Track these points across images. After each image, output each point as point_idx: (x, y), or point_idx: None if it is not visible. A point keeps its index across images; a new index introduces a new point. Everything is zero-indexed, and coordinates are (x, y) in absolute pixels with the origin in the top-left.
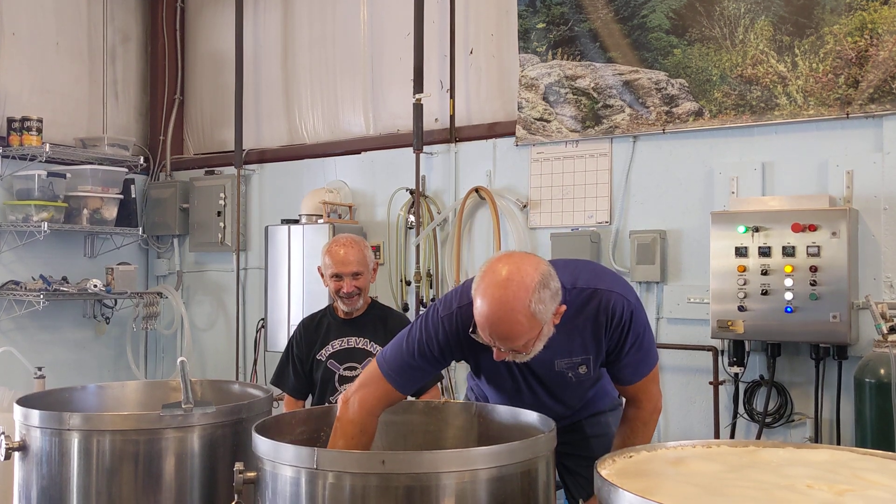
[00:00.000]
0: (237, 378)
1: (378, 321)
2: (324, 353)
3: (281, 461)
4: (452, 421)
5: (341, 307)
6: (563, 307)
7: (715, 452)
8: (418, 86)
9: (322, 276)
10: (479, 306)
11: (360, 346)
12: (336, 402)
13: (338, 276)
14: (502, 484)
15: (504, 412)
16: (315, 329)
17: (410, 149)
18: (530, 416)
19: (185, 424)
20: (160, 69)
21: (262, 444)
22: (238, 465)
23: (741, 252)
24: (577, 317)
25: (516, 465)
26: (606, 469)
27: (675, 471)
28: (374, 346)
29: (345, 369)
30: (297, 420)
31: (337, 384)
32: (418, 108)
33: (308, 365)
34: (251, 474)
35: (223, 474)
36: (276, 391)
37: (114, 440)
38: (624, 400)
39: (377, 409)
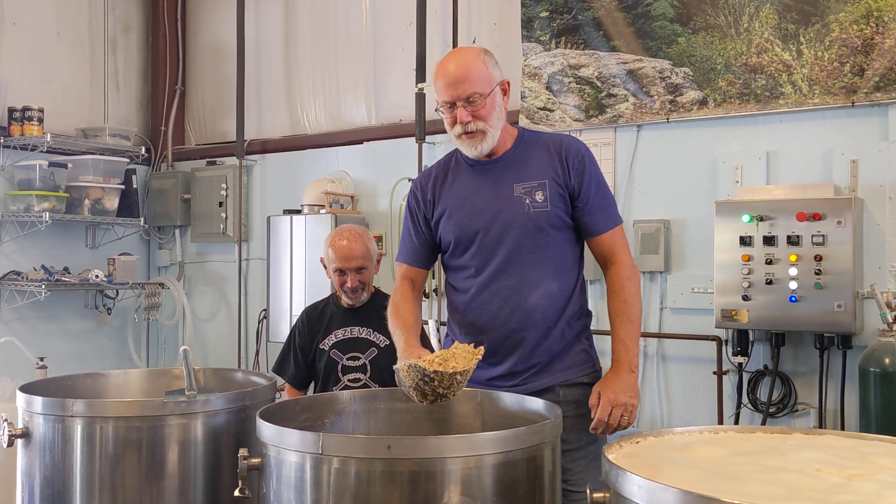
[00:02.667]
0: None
1: (381, 311)
2: (327, 343)
3: (285, 446)
4: (457, 408)
5: (344, 299)
6: (509, 81)
7: (722, 438)
8: (421, 75)
9: (325, 267)
10: (437, 66)
11: (363, 335)
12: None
13: (341, 271)
14: (508, 470)
15: (509, 399)
16: (318, 318)
17: (413, 138)
18: (535, 403)
19: (188, 411)
20: (161, 59)
21: (267, 430)
22: (242, 452)
23: (745, 241)
24: (534, 148)
25: (522, 450)
26: (614, 453)
27: (682, 455)
28: (378, 335)
29: (348, 359)
30: (302, 406)
31: (340, 374)
32: (420, 98)
33: (310, 354)
34: (255, 460)
35: (227, 461)
36: (280, 381)
37: (117, 427)
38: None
39: (402, 284)
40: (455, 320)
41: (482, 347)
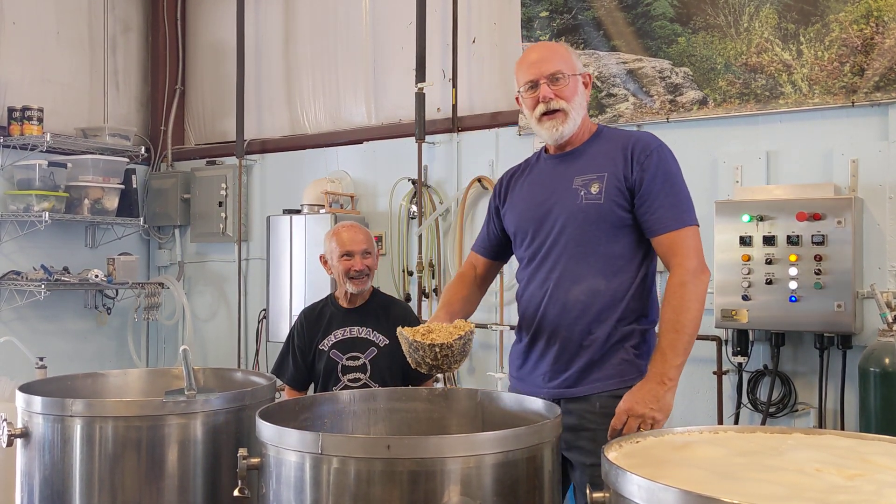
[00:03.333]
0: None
1: (381, 310)
2: (326, 343)
3: (285, 446)
4: (456, 408)
5: (350, 290)
6: (591, 74)
7: (722, 438)
8: (420, 75)
9: (325, 264)
10: (519, 59)
11: (362, 335)
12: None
13: (349, 255)
14: (508, 469)
15: (509, 399)
16: (317, 319)
17: (412, 138)
18: (535, 403)
19: (188, 411)
20: (161, 59)
21: (266, 430)
22: (242, 451)
23: (745, 241)
24: (606, 143)
25: (522, 450)
26: (614, 453)
27: (682, 455)
28: (377, 335)
29: (347, 359)
30: (301, 406)
31: (340, 374)
32: (420, 98)
33: (310, 355)
34: (255, 460)
35: (226, 461)
36: (280, 381)
37: (116, 427)
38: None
39: (464, 268)
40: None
41: (472, 325)
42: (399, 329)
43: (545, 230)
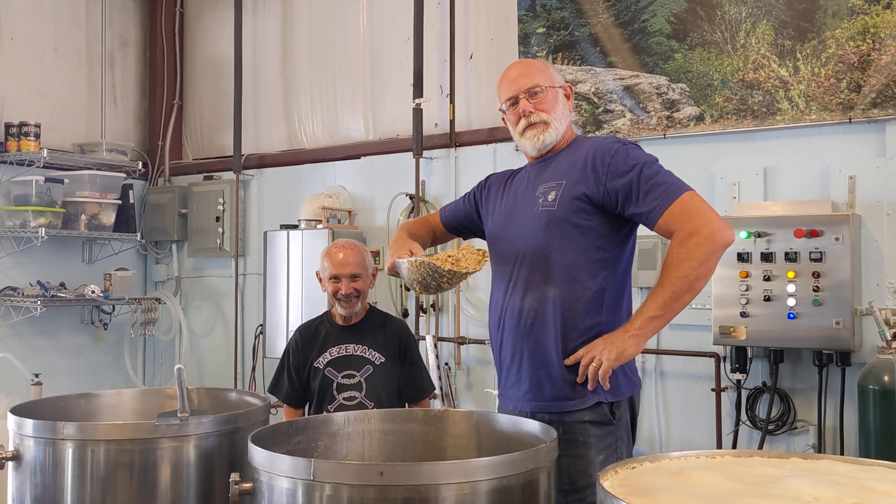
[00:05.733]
0: (235, 385)
1: (377, 327)
2: (321, 361)
3: (277, 472)
4: (452, 430)
5: (339, 311)
6: (572, 86)
7: (719, 463)
8: (418, 90)
9: (320, 281)
10: (500, 77)
11: (358, 353)
12: (333, 411)
13: (336, 278)
14: (503, 495)
15: (505, 421)
16: (312, 336)
17: (410, 153)
18: (531, 426)
19: (180, 434)
20: (159, 74)
21: (258, 455)
22: (234, 476)
23: (743, 258)
24: (575, 151)
25: (517, 475)
26: (609, 481)
27: (678, 482)
28: (373, 353)
29: (343, 377)
30: (294, 429)
31: (335, 392)
32: (418, 113)
33: (305, 373)
34: (247, 485)
35: (219, 484)
36: (275, 399)
37: (108, 450)
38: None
39: (431, 218)
40: None
41: (487, 251)
42: (418, 260)
43: (508, 238)
